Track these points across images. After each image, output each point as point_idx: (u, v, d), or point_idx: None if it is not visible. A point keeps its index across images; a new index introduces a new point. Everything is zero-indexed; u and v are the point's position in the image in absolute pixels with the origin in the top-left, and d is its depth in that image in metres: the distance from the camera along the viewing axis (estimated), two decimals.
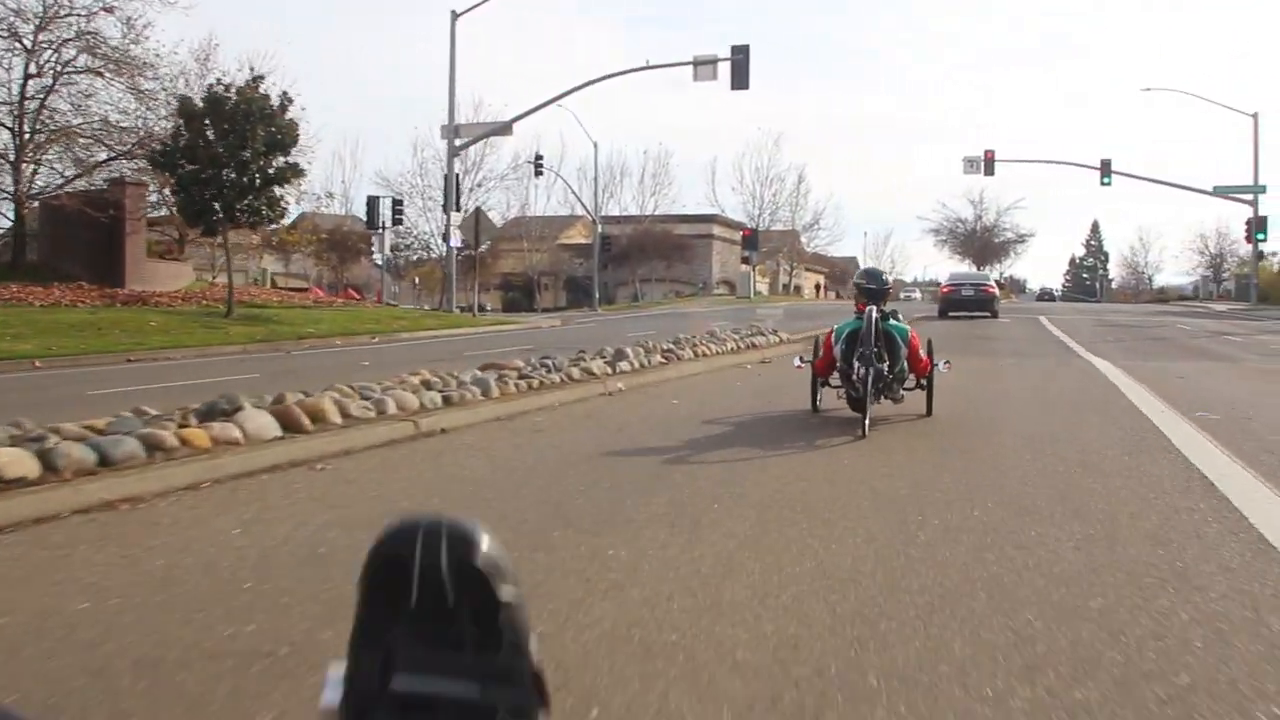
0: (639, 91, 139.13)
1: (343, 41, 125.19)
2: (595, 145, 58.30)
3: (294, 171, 28.91)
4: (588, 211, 59.99)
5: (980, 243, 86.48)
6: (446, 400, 7.86)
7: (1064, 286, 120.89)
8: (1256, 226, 47.88)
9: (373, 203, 44.74)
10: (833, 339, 7.86)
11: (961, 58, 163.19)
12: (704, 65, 34.89)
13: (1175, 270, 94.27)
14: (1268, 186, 48.10)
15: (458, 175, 46.71)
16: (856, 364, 7.25)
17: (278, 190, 28.58)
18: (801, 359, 8.62)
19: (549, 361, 9.90)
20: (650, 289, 70.96)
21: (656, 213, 72.22)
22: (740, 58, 34.00)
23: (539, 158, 57.28)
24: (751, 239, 61.76)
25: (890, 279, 8.26)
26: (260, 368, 15.66)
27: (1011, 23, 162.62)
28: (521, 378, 9.12)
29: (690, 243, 68.37)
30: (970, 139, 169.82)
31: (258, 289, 38.64)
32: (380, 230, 45.95)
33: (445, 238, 38.73)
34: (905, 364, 7.72)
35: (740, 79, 34.12)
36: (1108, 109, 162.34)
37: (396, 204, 47.70)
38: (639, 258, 65.43)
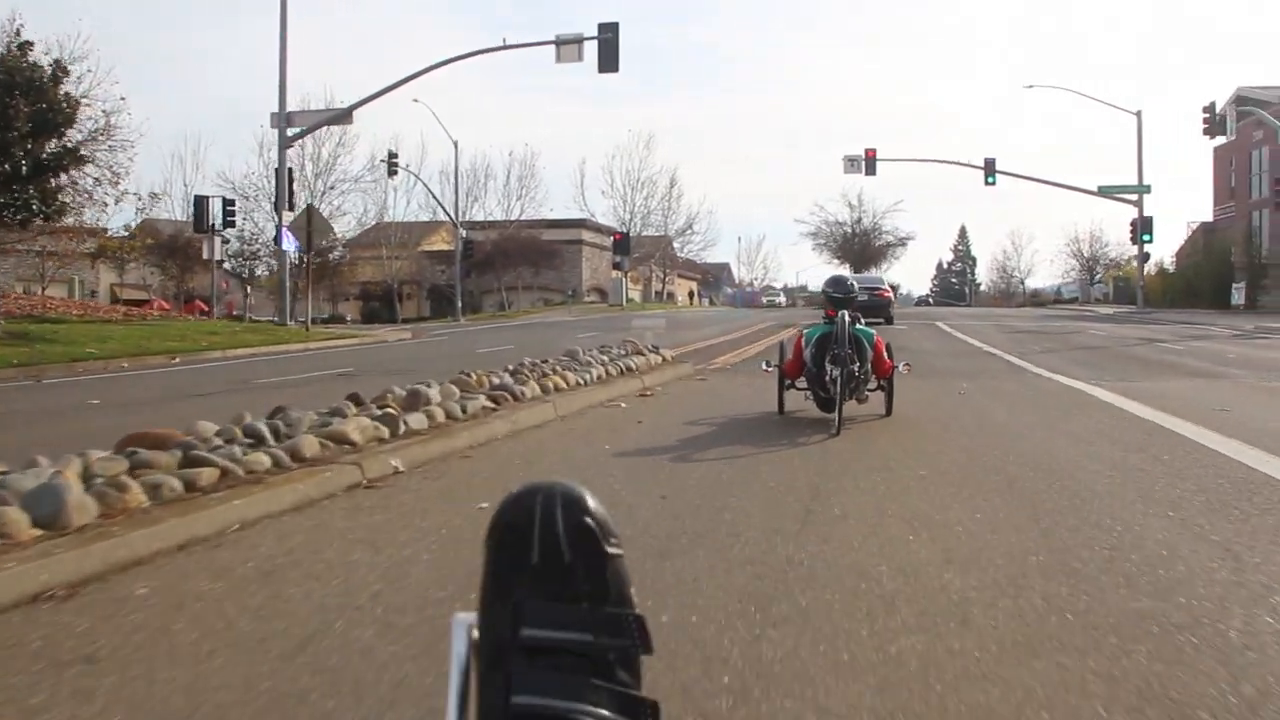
0: (506, 93, 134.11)
1: (185, 38, 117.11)
2: (455, 144, 53.51)
3: (73, 158, 23.97)
4: (448, 215, 55.35)
5: (859, 245, 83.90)
6: None
7: (932, 291, 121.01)
8: (1142, 228, 46.28)
9: (201, 203, 39.19)
10: (803, 343, 8.22)
11: (845, 57, 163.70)
12: (568, 45, 30.99)
13: (1048, 274, 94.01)
14: (1152, 186, 46.64)
15: (295, 175, 41.83)
16: (829, 365, 7.53)
17: (54, 181, 23.70)
18: (768, 363, 9.13)
19: (267, 425, 5.58)
20: (518, 297, 66.62)
21: (523, 217, 67.87)
22: (609, 36, 30.27)
23: (392, 156, 52.59)
24: (623, 243, 58.07)
25: (854, 286, 8.42)
26: None
27: (892, 20, 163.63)
28: (192, 467, 4.78)
29: (559, 248, 64.23)
30: (852, 141, 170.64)
31: (65, 301, 33.53)
32: (211, 233, 40.44)
33: (276, 239, 33.73)
34: (870, 366, 7.96)
35: (609, 60, 30.35)
36: (992, 109, 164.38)
37: (228, 205, 42.26)
38: (505, 264, 60.96)
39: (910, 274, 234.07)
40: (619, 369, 11.34)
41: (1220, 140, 54.35)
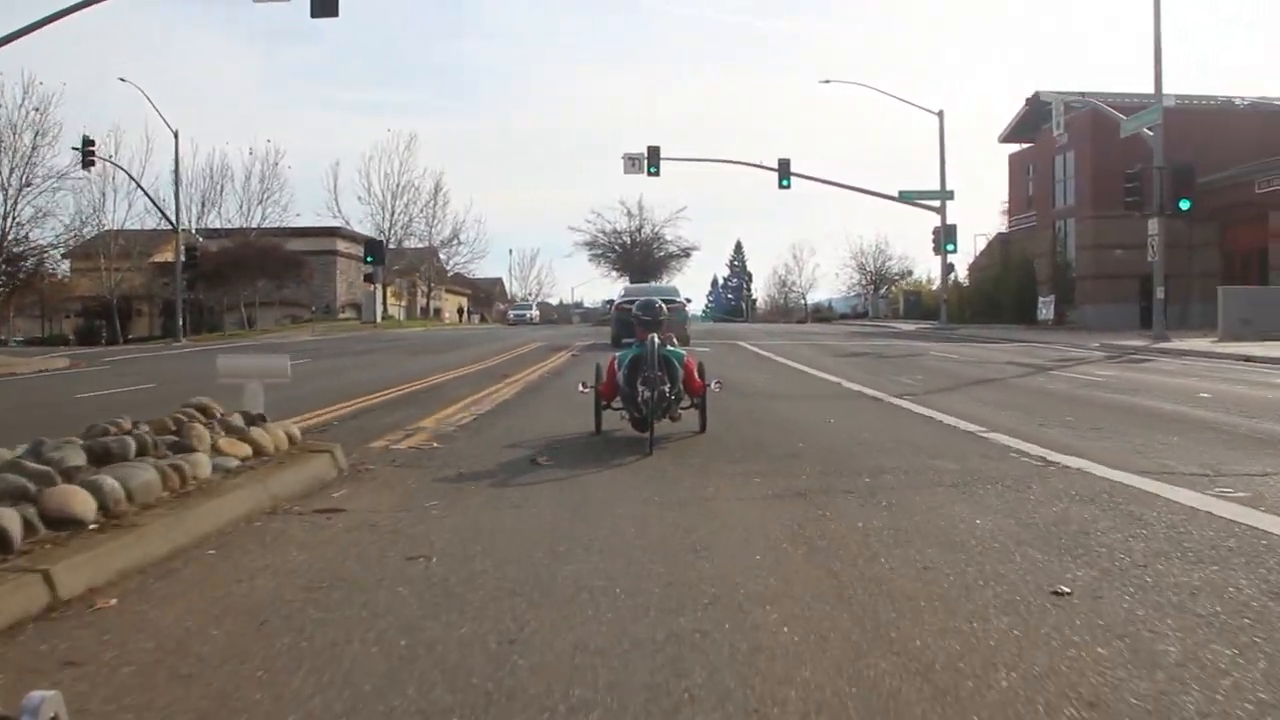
0: (274, 107, 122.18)
1: None
2: (176, 135, 44.29)
3: None
4: (165, 217, 46.26)
5: (639, 255, 78.34)
6: None
7: (708, 307, 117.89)
8: (945, 236, 42.65)
9: None
10: (615, 365, 8.43)
11: (615, 55, 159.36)
12: None
13: (830, 288, 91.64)
14: (955, 192, 43.22)
15: None
16: (641, 387, 7.77)
17: None
18: (585, 384, 9.16)
19: None
20: (262, 314, 57.63)
21: (266, 224, 58.83)
22: None
23: (88, 144, 42.75)
24: (374, 249, 50.02)
25: (664, 309, 8.78)
26: None
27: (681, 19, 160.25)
28: None
29: (307, 260, 55.62)
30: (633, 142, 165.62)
31: None
32: None
33: None
34: (682, 386, 8.19)
35: (325, 3, 23.11)
36: (786, 108, 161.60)
37: None
38: (241, 277, 51.91)
39: (686, 289, 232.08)
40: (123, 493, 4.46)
41: (1016, 147, 52.42)
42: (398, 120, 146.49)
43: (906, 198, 43.44)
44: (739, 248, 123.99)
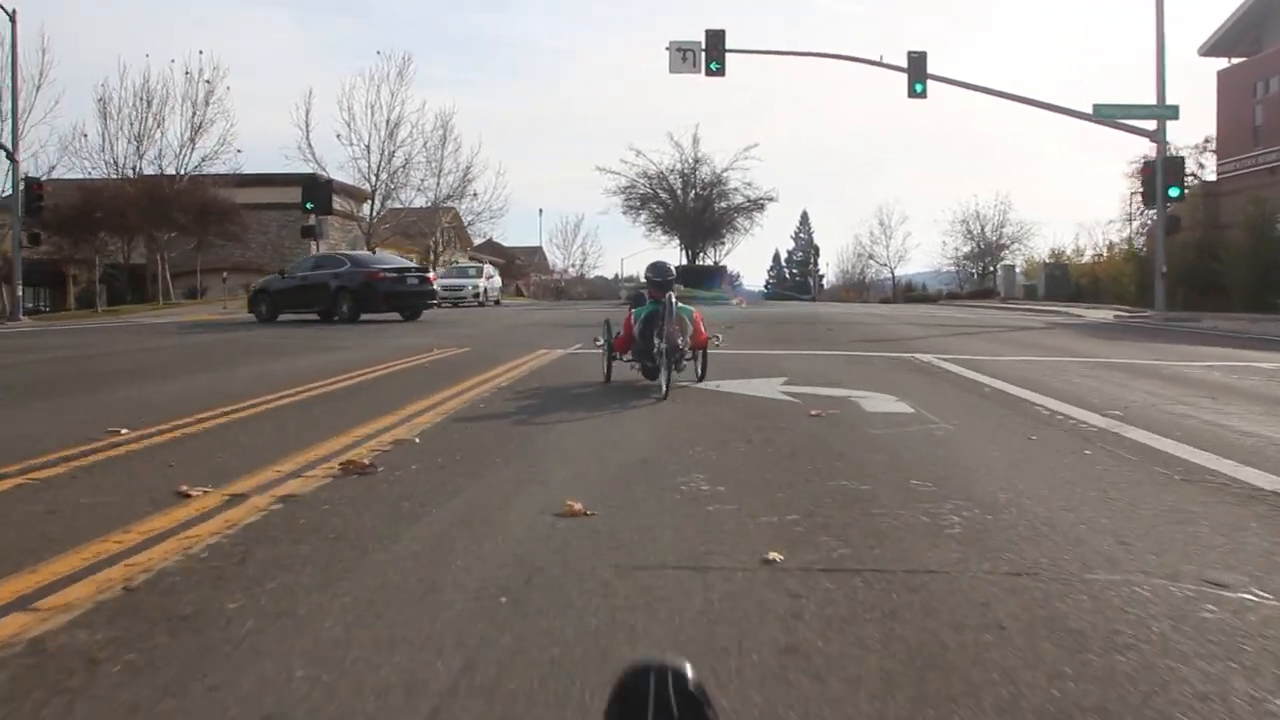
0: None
1: None
2: (12, 15, 30.65)
3: None
4: None
5: (695, 208, 58.97)
6: None
7: (769, 285, 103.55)
8: (1166, 175, 27.65)
9: None
10: (632, 320, 8.97)
11: None
12: None
13: (923, 263, 76.64)
14: (1180, 109, 28.07)
15: None
16: (657, 339, 8.41)
17: None
18: (598, 339, 9.55)
19: None
20: (218, 282, 44.21)
21: (212, 168, 45.12)
22: None
23: None
24: (314, 193, 35.39)
25: (673, 270, 9.53)
26: None
27: None
28: None
29: (237, 210, 41.87)
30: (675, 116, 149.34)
31: None
32: None
33: None
34: (689, 339, 8.86)
35: None
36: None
37: None
38: (125, 226, 38.29)
39: (742, 263, 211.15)
40: None
41: (1225, 62, 37.20)
42: (434, 95, 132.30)
43: (1104, 114, 28.49)
44: (805, 218, 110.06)
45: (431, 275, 26.07)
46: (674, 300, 8.62)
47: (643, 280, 9.82)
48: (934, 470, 4.94)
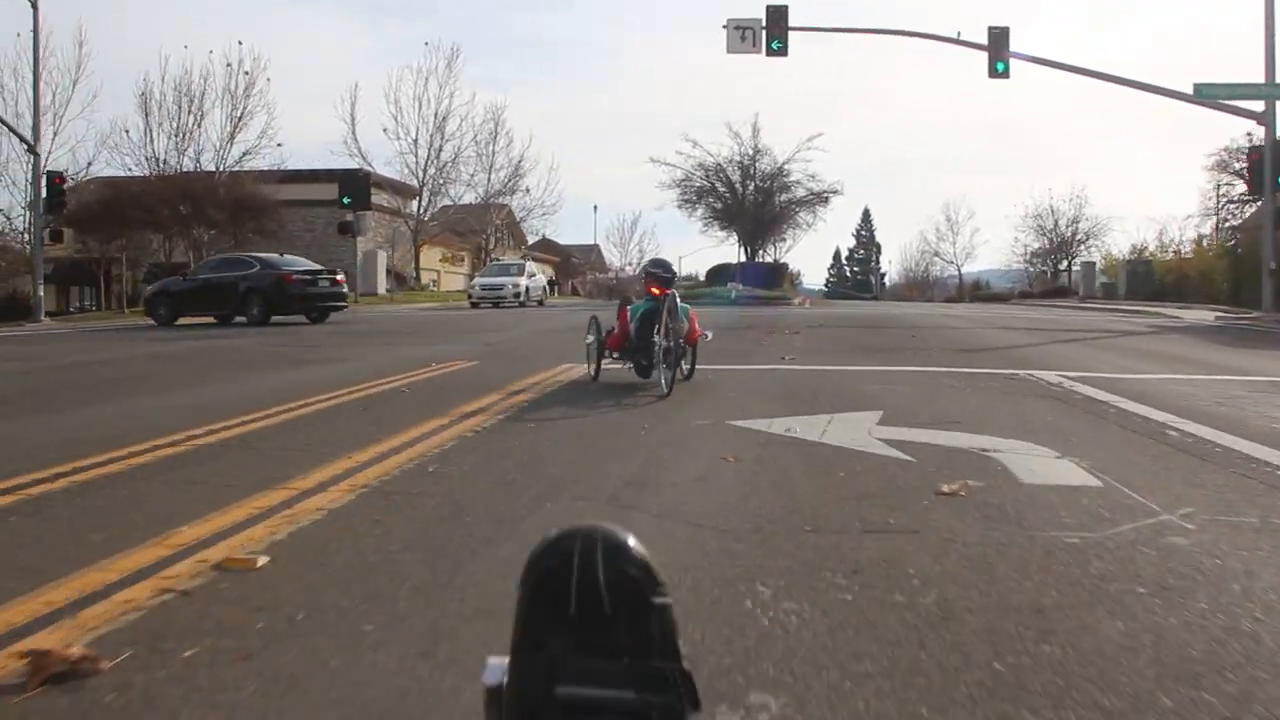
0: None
1: None
2: (34, 3, 29.10)
3: None
4: (18, 135, 31.47)
5: (755, 201, 55.46)
6: None
7: (829, 283, 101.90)
8: (1276, 161, 24.62)
9: None
10: (628, 317, 8.96)
11: None
12: None
13: (990, 260, 73.32)
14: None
15: None
16: (658, 337, 8.41)
17: None
18: (589, 337, 9.39)
19: None
20: None
21: (245, 160, 43.63)
22: None
23: None
24: (352, 187, 33.56)
25: (671, 265, 9.43)
26: None
27: None
28: None
29: (274, 206, 40.08)
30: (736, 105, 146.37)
31: None
32: None
33: None
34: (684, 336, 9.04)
35: None
36: None
37: None
38: (157, 223, 36.80)
39: (801, 262, 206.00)
40: None
41: None
42: (489, 93, 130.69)
43: (1206, 95, 25.54)
44: (866, 215, 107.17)
45: (340, 278, 25.72)
46: (676, 297, 8.74)
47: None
48: (1248, 667, 2.45)
